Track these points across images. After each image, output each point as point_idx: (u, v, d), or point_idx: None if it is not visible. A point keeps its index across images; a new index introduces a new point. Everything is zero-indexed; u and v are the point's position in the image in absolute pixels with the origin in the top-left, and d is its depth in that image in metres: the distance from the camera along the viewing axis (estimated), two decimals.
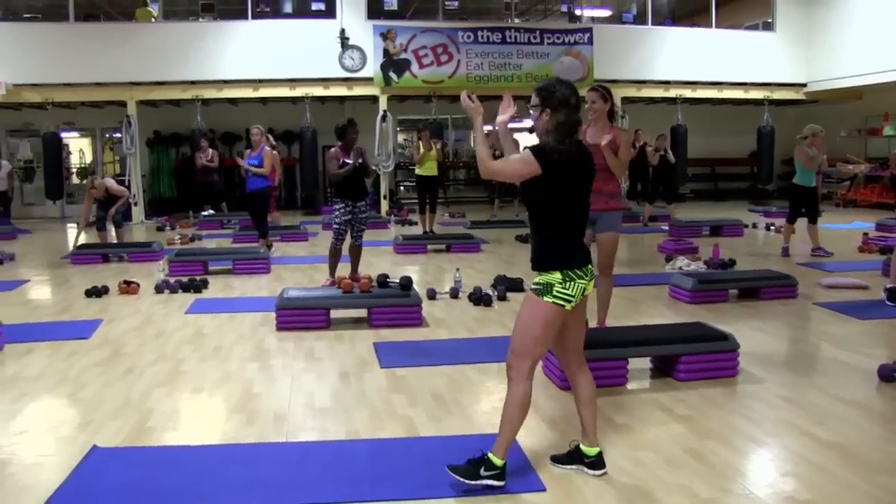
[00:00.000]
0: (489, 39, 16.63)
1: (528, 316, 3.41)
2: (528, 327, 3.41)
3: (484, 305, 7.39)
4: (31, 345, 6.08)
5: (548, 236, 3.45)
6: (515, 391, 3.42)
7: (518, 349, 3.42)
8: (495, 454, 3.41)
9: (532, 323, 3.39)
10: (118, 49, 15.85)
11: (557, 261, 3.39)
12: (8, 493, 3.47)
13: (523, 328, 3.42)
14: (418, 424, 4.27)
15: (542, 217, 3.47)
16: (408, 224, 15.23)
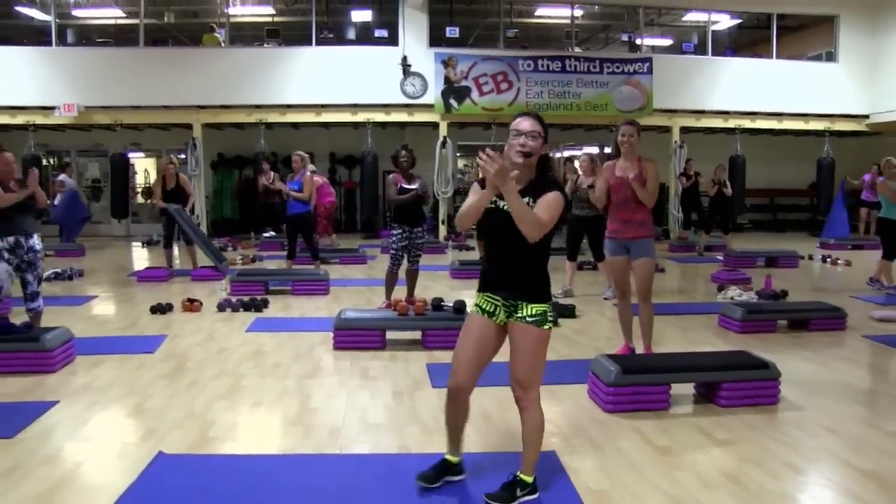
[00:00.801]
0: (549, 68, 16.81)
1: (535, 347, 3.53)
2: (536, 358, 3.55)
3: None
4: (101, 357, 6.44)
5: (540, 268, 3.55)
6: (534, 417, 3.61)
7: (529, 381, 3.56)
8: (526, 473, 3.64)
9: (539, 353, 3.55)
10: (185, 73, 16.49)
11: (549, 292, 3.59)
12: (79, 493, 3.77)
13: (532, 360, 3.54)
14: (466, 441, 4.45)
15: (538, 251, 3.50)
16: (465, 249, 15.44)
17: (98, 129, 17.68)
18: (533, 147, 3.47)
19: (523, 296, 3.51)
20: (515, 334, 3.55)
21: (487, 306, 3.62)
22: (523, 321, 3.51)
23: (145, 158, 20.82)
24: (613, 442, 4.43)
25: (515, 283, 3.53)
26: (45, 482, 3.88)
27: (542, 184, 3.52)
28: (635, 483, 3.85)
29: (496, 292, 3.58)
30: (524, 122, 3.51)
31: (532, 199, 3.46)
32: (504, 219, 3.45)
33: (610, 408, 4.96)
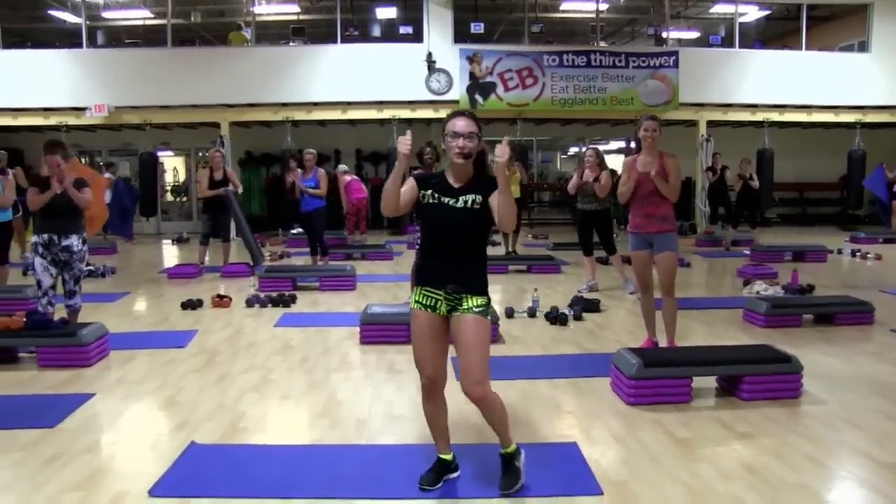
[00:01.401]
0: (574, 63, 16.82)
1: (483, 338, 3.58)
2: (484, 348, 3.60)
3: (560, 325, 7.63)
4: (134, 352, 6.62)
5: (484, 262, 3.65)
6: (496, 400, 3.68)
7: (483, 374, 3.59)
8: (510, 444, 3.76)
9: (486, 343, 3.62)
10: (212, 72, 16.75)
11: (487, 286, 3.65)
12: (115, 481, 3.92)
13: (484, 351, 3.60)
14: (489, 433, 4.53)
15: (481, 245, 3.66)
16: (490, 244, 15.49)
17: (128, 128, 18.01)
18: (472, 148, 3.50)
19: (469, 289, 3.54)
20: (464, 327, 3.54)
21: (428, 301, 3.62)
22: (470, 312, 3.54)
23: (174, 157, 21.13)
24: (634, 434, 4.50)
25: (462, 277, 3.54)
26: (85, 469, 4.05)
27: (485, 181, 3.59)
28: (655, 474, 3.92)
29: (439, 287, 3.57)
30: (460, 122, 3.54)
31: (477, 195, 3.54)
32: (454, 215, 3.54)
33: (632, 400, 5.02)
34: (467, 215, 3.55)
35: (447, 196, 3.57)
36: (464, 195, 3.56)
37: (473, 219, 3.55)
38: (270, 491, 3.73)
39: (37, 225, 6.57)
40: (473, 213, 3.55)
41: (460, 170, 3.58)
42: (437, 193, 3.59)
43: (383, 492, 3.74)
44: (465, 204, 3.54)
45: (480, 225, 3.58)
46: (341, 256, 12.77)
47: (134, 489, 3.77)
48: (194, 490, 3.78)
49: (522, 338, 7.10)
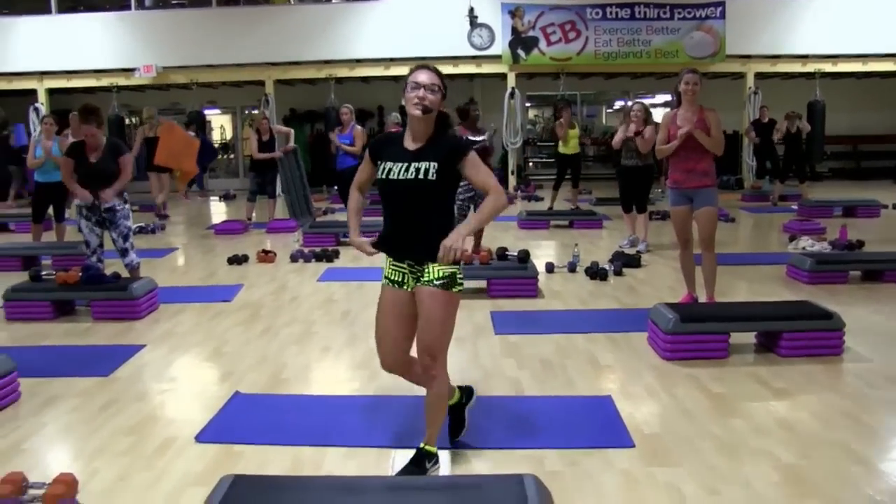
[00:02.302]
0: (617, 15, 16.50)
1: (444, 312, 3.33)
2: (445, 324, 3.35)
3: (600, 280, 7.65)
4: (182, 305, 6.83)
5: (447, 227, 3.27)
6: (442, 384, 3.44)
7: (438, 348, 3.37)
8: (430, 444, 3.49)
9: (448, 319, 3.36)
10: (257, 31, 16.80)
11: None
12: (166, 427, 4.11)
13: (441, 326, 3.34)
14: (524, 386, 4.65)
15: (442, 209, 3.37)
16: (533, 199, 15.50)
17: (175, 88, 18.20)
18: (432, 101, 3.24)
19: (429, 256, 3.26)
20: (422, 299, 3.32)
21: (395, 276, 3.43)
22: (430, 284, 3.30)
23: (221, 115, 21.34)
24: (669, 389, 4.54)
25: (420, 245, 3.30)
26: (137, 416, 4.26)
27: (444, 143, 3.33)
28: (687, 428, 3.96)
29: (401, 257, 3.39)
30: (422, 75, 3.28)
31: (433, 163, 3.25)
32: (405, 187, 3.28)
33: (668, 356, 5.06)
34: (421, 187, 3.25)
35: (399, 162, 3.30)
36: (417, 161, 3.27)
37: (427, 190, 3.26)
38: (310, 439, 3.87)
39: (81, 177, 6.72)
40: (427, 184, 3.25)
41: (418, 126, 3.31)
42: (388, 162, 3.33)
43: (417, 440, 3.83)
44: (417, 173, 3.25)
45: (438, 193, 3.30)
46: None
47: (181, 435, 3.95)
48: (237, 437, 3.94)
49: (562, 293, 7.15)
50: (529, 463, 3.57)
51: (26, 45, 17.17)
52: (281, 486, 2.97)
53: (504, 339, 5.63)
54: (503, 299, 6.82)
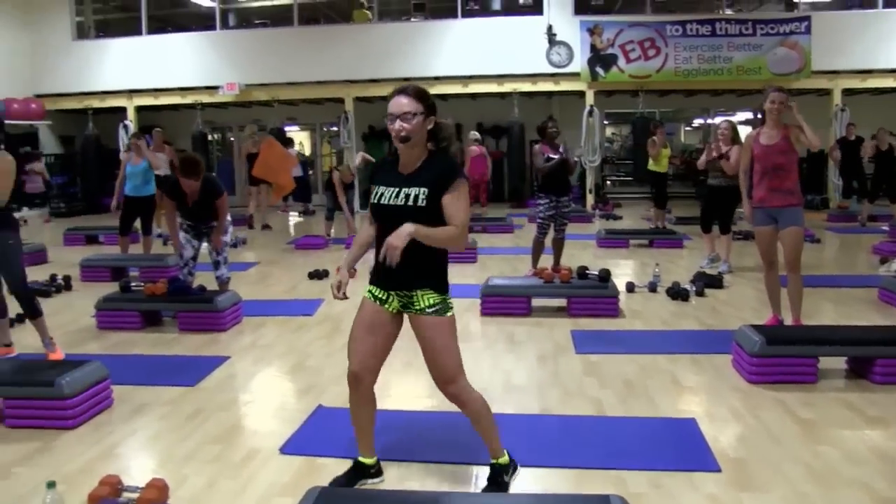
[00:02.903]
0: (698, 32, 16.30)
1: (446, 338, 3.29)
2: (450, 348, 3.30)
3: (681, 300, 7.54)
4: (264, 318, 6.98)
5: (435, 257, 3.25)
6: (474, 401, 3.40)
7: (453, 372, 3.32)
8: (498, 456, 3.50)
9: (452, 343, 3.31)
10: (337, 49, 17.14)
11: (446, 282, 3.34)
12: (249, 438, 4.21)
13: (447, 352, 3.29)
14: (606, 405, 4.60)
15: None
16: (612, 218, 15.35)
17: (257, 105, 18.66)
18: (410, 130, 3.12)
19: (417, 285, 3.24)
20: (421, 330, 3.30)
21: (379, 294, 3.39)
22: (423, 313, 3.26)
23: (300, 132, 21.78)
24: (754, 412, 4.44)
25: (409, 274, 3.22)
26: (222, 425, 4.38)
27: (438, 165, 3.21)
28: (775, 453, 3.86)
29: (389, 286, 3.33)
30: (398, 102, 3.14)
31: (423, 188, 3.16)
32: (395, 214, 3.18)
33: (753, 378, 4.94)
34: (410, 214, 3.14)
35: (390, 187, 3.23)
36: (408, 187, 3.19)
37: (417, 216, 3.13)
38: (393, 454, 3.90)
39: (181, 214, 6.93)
40: (417, 210, 3.15)
41: (406, 153, 3.23)
42: (381, 187, 3.27)
43: None
44: (407, 200, 3.17)
45: (427, 220, 3.14)
46: None
47: (265, 446, 4.04)
48: (321, 450, 4.00)
49: (642, 312, 7.06)
50: (613, 483, 3.54)
51: (118, 65, 17.97)
52: (367, 500, 3.01)
53: (585, 358, 5.59)
54: (583, 318, 6.77)
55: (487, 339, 6.21)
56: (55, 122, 18.93)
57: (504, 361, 5.55)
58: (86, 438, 4.22)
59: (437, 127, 3.24)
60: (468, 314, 7.01)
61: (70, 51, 18.38)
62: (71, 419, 4.36)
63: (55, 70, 18.32)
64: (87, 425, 4.41)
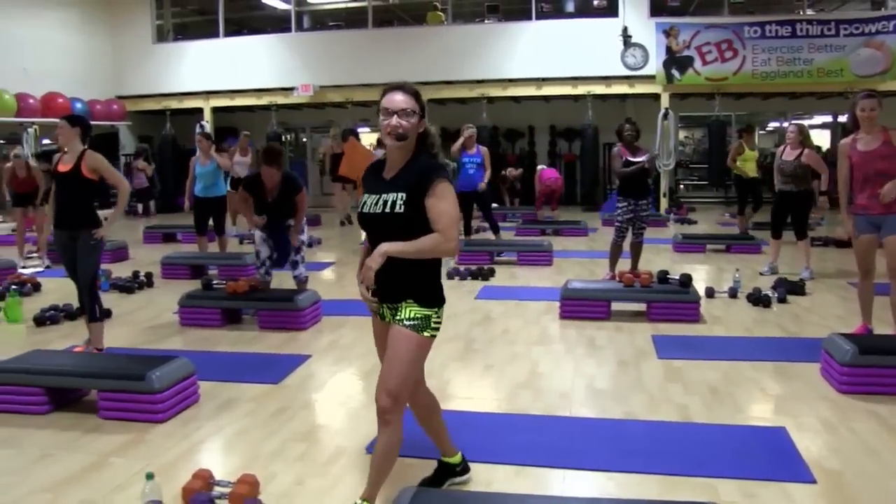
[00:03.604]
0: (777, 33, 15.88)
1: (410, 353, 3.03)
2: (409, 364, 3.05)
3: (763, 306, 7.37)
4: (343, 318, 7.04)
5: (424, 269, 3.06)
6: (395, 436, 3.13)
7: (398, 390, 3.04)
8: (370, 499, 3.21)
9: (415, 361, 3.08)
10: (410, 51, 17.23)
11: (437, 296, 3.13)
12: (334, 436, 4.25)
13: (404, 365, 3.04)
14: (692, 412, 4.52)
15: None
16: (687, 223, 15.10)
17: (331, 106, 18.88)
18: (407, 128, 2.98)
19: (404, 297, 3.04)
20: (391, 337, 3.07)
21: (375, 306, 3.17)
22: (400, 323, 3.04)
23: (371, 133, 21.96)
24: (847, 423, 4.30)
25: (396, 285, 3.03)
26: (307, 424, 4.44)
27: (417, 168, 3.03)
28: (872, 466, 3.74)
29: (380, 298, 3.10)
30: (395, 98, 3.00)
31: (400, 193, 2.96)
32: (375, 221, 3.03)
33: (845, 388, 4.79)
34: (388, 220, 2.99)
35: (372, 194, 3.07)
36: (387, 192, 3.01)
37: (395, 224, 2.97)
38: (479, 455, 3.88)
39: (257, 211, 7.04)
40: (395, 218, 2.97)
41: (395, 154, 3.07)
42: (366, 194, 3.12)
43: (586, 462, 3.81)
44: (385, 207, 2.99)
45: (408, 227, 2.95)
46: (535, 232, 12.88)
47: (351, 445, 4.07)
48: (407, 450, 3.95)
49: (724, 318, 6.92)
50: (703, 491, 3.47)
51: (195, 67, 18.43)
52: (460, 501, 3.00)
53: (667, 363, 5.50)
54: (663, 323, 6.67)
55: (567, 342, 6.16)
56: (134, 123, 19.51)
57: (585, 365, 5.49)
58: (175, 432, 4.32)
59: (426, 132, 3.11)
60: (546, 317, 6.98)
61: (150, 54, 18.93)
62: (161, 413, 4.47)
63: (135, 72, 18.91)
64: (175, 420, 4.51)
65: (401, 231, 2.93)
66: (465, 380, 5.25)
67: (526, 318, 6.96)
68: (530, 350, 5.91)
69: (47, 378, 4.65)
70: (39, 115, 16.00)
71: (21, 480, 3.71)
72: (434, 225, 2.94)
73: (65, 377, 4.69)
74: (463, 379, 5.26)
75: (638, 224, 8.22)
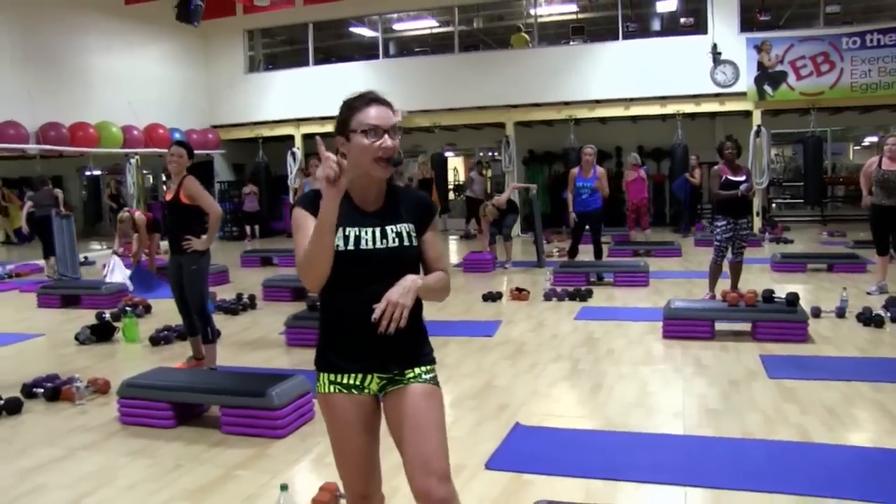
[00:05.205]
0: (879, 43, 15.28)
1: (441, 415, 2.48)
2: (444, 429, 2.48)
3: (875, 326, 7.16)
4: (446, 338, 7.10)
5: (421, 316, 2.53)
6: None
7: (446, 466, 2.43)
8: None
9: (444, 421, 2.49)
10: (496, 75, 17.42)
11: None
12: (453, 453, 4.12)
13: (441, 433, 2.45)
14: (812, 432, 4.43)
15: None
16: (783, 242, 14.75)
17: (418, 131, 19.17)
18: (396, 149, 2.41)
19: (417, 359, 2.49)
20: (414, 402, 2.43)
21: (352, 379, 2.45)
22: (418, 380, 2.45)
23: (455, 157, 22.19)
24: None
25: (407, 343, 2.45)
26: None
27: (409, 197, 2.55)
28: None
29: (371, 366, 2.44)
30: (382, 115, 2.38)
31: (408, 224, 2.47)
32: (384, 255, 2.41)
33: None
34: (400, 256, 2.43)
35: (364, 227, 2.41)
36: (392, 223, 2.44)
37: (410, 260, 2.47)
38: (599, 472, 3.91)
39: None
40: (410, 252, 2.46)
41: (371, 184, 2.44)
42: (351, 228, 2.39)
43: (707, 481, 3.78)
44: (401, 240, 2.44)
45: (417, 264, 2.51)
46: (628, 253, 12.78)
47: (471, 462, 4.12)
48: (525, 467, 4.04)
49: (833, 338, 6.75)
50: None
51: (285, 96, 19.06)
52: None
53: (779, 383, 5.40)
54: (770, 343, 6.55)
55: (674, 362, 6.11)
56: (228, 151, 20.19)
57: (696, 385, 5.43)
58: (296, 447, 4.45)
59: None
60: (649, 337, 6.94)
61: (242, 83, 19.64)
62: (281, 429, 4.61)
63: (229, 102, 19.67)
64: (294, 435, 4.64)
65: (411, 267, 2.44)
66: (574, 399, 5.26)
67: (629, 338, 6.93)
68: (637, 370, 5.88)
69: (173, 394, 4.88)
70: (142, 145, 16.75)
71: (162, 487, 3.93)
72: (437, 263, 2.53)
73: (190, 393, 4.90)
74: (572, 398, 5.28)
75: (738, 243, 8.10)
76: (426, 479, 2.37)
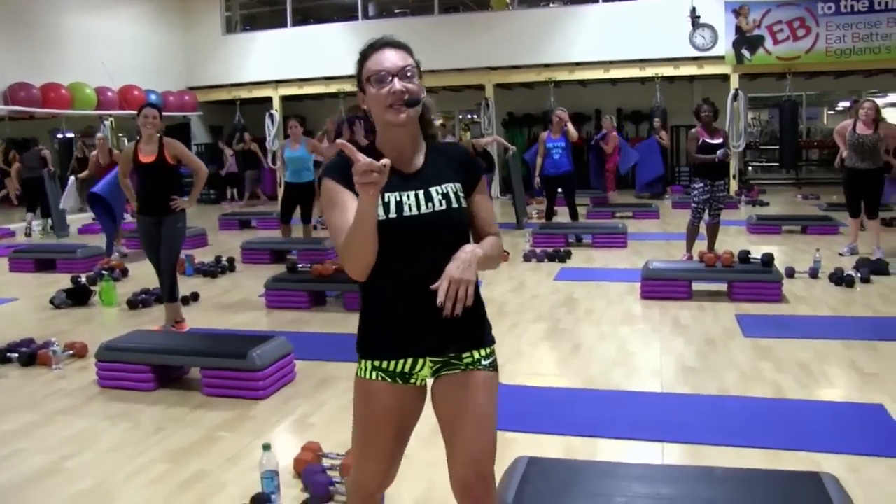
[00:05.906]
0: (853, 9, 15.37)
1: (495, 405, 2.25)
2: (496, 420, 2.24)
3: (846, 286, 7.28)
4: None
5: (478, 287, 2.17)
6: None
7: (493, 453, 2.22)
8: None
9: (497, 410, 2.26)
10: (476, 37, 17.26)
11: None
12: None
13: (494, 423, 2.23)
14: (786, 389, 4.52)
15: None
16: (759, 204, 14.88)
17: None
18: (416, 91, 2.11)
19: (477, 340, 2.23)
20: (473, 389, 2.19)
21: (402, 366, 2.18)
22: (478, 366, 2.20)
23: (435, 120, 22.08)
24: None
25: (463, 323, 2.10)
26: None
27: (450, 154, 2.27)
28: None
29: (428, 350, 2.17)
30: (385, 58, 2.13)
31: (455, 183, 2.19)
32: (432, 220, 2.11)
33: None
34: (448, 219, 2.14)
35: (404, 191, 2.12)
36: (436, 184, 2.16)
37: (461, 224, 2.18)
38: (581, 429, 3.98)
39: None
40: (458, 214, 2.16)
41: (405, 139, 2.17)
42: (389, 193, 2.09)
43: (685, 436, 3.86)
44: (448, 202, 2.15)
45: (466, 227, 2.22)
46: (607, 215, 12.83)
47: None
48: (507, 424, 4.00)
49: (807, 298, 6.85)
50: (807, 465, 3.47)
51: (264, 57, 18.77)
52: (574, 470, 3.08)
53: (755, 342, 5.49)
54: (746, 302, 6.64)
55: (652, 322, 6.19)
56: (205, 113, 19.95)
57: (674, 344, 5.52)
58: (278, 409, 4.47)
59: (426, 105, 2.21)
60: (628, 297, 7.02)
61: (219, 45, 19.35)
62: (262, 390, 4.62)
63: (206, 64, 19.37)
64: (276, 397, 4.66)
65: (461, 232, 2.17)
66: (556, 358, 5.32)
67: (608, 299, 7.00)
68: (616, 329, 5.96)
69: (153, 356, 4.87)
70: (117, 107, 16.51)
71: (143, 451, 3.93)
72: (489, 227, 2.24)
73: (170, 355, 4.90)
74: (554, 357, 5.34)
75: (714, 205, 8.17)
76: (474, 477, 2.16)
